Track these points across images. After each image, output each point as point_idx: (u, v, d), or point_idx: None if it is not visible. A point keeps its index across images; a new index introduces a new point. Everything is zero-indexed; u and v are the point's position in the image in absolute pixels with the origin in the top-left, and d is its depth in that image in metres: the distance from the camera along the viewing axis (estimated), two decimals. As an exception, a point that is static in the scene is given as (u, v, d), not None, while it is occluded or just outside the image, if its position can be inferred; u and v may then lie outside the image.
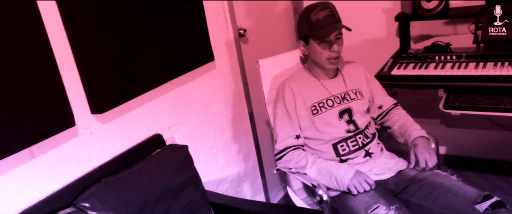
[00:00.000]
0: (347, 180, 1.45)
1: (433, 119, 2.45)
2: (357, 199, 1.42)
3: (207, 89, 1.80)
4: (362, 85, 1.69)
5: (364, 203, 1.39)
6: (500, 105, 1.70)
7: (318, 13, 1.50)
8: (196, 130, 1.75)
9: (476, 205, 1.31)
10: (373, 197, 1.40)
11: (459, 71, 1.82)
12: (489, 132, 2.35)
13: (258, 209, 1.48)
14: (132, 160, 1.39)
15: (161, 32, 1.48)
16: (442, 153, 2.60)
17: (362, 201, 1.40)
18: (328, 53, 1.53)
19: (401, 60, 2.05)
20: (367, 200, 1.39)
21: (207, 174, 1.81)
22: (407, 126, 1.64)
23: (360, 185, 1.43)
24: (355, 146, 1.58)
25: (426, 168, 1.50)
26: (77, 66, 1.22)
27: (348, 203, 1.44)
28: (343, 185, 1.45)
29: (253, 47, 2.19)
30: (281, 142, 1.57)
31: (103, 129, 1.34)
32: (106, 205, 1.19)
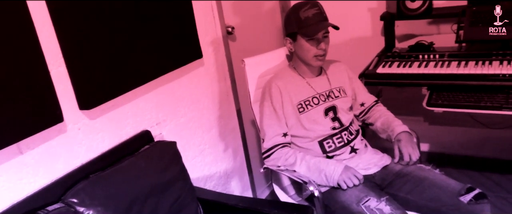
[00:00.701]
0: (336, 175, 1.47)
1: (417, 117, 2.51)
2: (348, 194, 1.45)
3: (195, 86, 1.81)
4: (345, 83, 1.73)
5: (355, 196, 1.43)
6: (481, 103, 1.76)
7: (307, 11, 1.53)
8: (184, 126, 1.76)
9: (460, 197, 1.37)
10: (363, 191, 1.44)
11: (442, 70, 1.87)
12: (470, 129, 2.41)
13: (246, 204, 1.49)
14: (121, 156, 1.39)
15: (150, 29, 1.48)
16: (425, 150, 2.67)
17: (352, 195, 1.44)
18: (315, 50, 1.55)
19: (386, 58, 2.09)
20: (358, 194, 1.43)
21: (195, 171, 1.82)
22: (389, 122, 1.68)
23: (349, 180, 1.46)
24: (340, 143, 1.61)
25: (410, 161, 1.54)
26: (66, 62, 1.22)
27: (338, 198, 1.47)
28: (333, 180, 1.48)
29: (241, 45, 2.21)
30: (269, 140, 1.58)
31: (92, 125, 1.33)
32: (95, 201, 1.19)
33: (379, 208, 1.35)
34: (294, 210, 1.39)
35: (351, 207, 1.41)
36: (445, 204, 1.38)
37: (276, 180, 1.79)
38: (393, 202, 1.38)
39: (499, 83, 1.74)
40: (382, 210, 1.34)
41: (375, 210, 1.35)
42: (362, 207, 1.38)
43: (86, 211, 1.16)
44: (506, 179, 2.29)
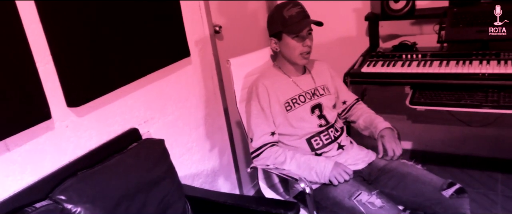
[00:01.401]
0: (327, 172, 1.50)
1: (400, 115, 2.57)
2: (339, 189, 1.48)
3: (183, 84, 1.82)
4: (328, 81, 1.76)
5: (346, 191, 1.46)
6: (461, 101, 1.81)
7: (290, 10, 1.56)
8: (172, 124, 1.76)
9: (443, 191, 1.42)
10: (354, 185, 1.47)
11: (424, 69, 1.92)
12: (451, 127, 2.48)
13: (234, 201, 1.50)
14: (108, 154, 1.39)
15: (138, 27, 1.49)
16: (409, 148, 2.73)
17: (344, 190, 1.47)
18: (301, 48, 1.58)
19: (370, 58, 2.14)
20: (349, 189, 1.46)
21: (183, 169, 1.83)
22: (372, 119, 1.73)
23: (340, 176, 1.49)
24: (328, 140, 1.64)
25: (394, 156, 1.59)
26: (53, 59, 1.22)
27: (330, 194, 1.50)
28: (324, 177, 1.51)
29: (228, 44, 2.22)
30: (258, 139, 1.58)
31: (79, 122, 1.34)
32: (83, 198, 1.19)
33: (371, 202, 1.39)
34: (280, 207, 1.41)
35: (343, 202, 1.44)
36: (428, 199, 1.43)
37: (262, 179, 1.80)
38: (383, 196, 1.43)
39: (478, 82, 1.79)
40: (373, 203, 1.38)
41: (367, 204, 1.38)
42: (354, 201, 1.41)
43: (74, 208, 1.16)
44: (485, 176, 2.37)
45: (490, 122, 2.25)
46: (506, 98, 1.74)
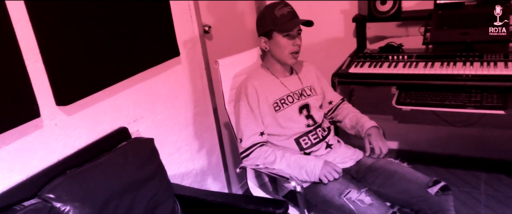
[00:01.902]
0: (317, 170, 1.52)
1: (387, 115, 2.61)
2: (329, 187, 1.51)
3: (173, 84, 1.82)
4: (314, 82, 1.79)
5: (336, 189, 1.48)
6: (446, 101, 1.86)
7: (281, 9, 1.58)
8: (162, 123, 1.77)
9: (428, 189, 1.46)
10: (344, 183, 1.50)
11: (410, 70, 1.96)
12: (436, 128, 2.53)
13: (223, 200, 1.51)
14: (97, 153, 1.39)
15: (128, 26, 1.49)
16: (395, 148, 2.78)
17: (334, 188, 1.49)
18: (291, 47, 1.60)
19: (358, 59, 2.18)
20: (339, 187, 1.49)
21: (172, 168, 1.84)
22: (358, 118, 1.76)
23: (330, 174, 1.52)
24: (316, 139, 1.67)
25: (380, 155, 1.62)
26: (42, 57, 1.22)
27: (320, 192, 1.52)
28: (314, 175, 1.53)
29: (217, 44, 2.23)
30: (247, 139, 1.59)
31: (69, 121, 1.33)
32: (72, 196, 1.19)
33: (360, 199, 1.41)
34: (269, 205, 1.42)
35: (333, 200, 1.47)
36: (415, 196, 1.47)
37: (251, 179, 1.81)
38: (371, 193, 1.46)
39: (462, 83, 1.84)
40: (363, 201, 1.41)
41: (356, 201, 1.41)
42: (344, 199, 1.44)
43: (63, 206, 1.16)
44: (469, 175, 2.42)
45: (473, 122, 2.31)
46: (488, 99, 1.80)
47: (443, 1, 2.08)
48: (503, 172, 2.40)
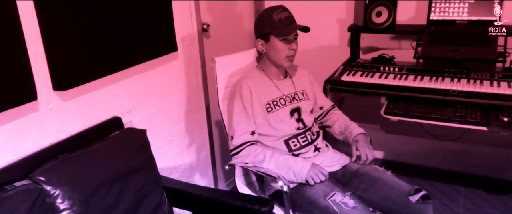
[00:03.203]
0: (304, 172, 1.56)
1: (375, 125, 2.67)
2: (315, 189, 1.55)
3: (168, 78, 1.85)
4: (307, 87, 1.83)
5: (321, 191, 1.53)
6: (432, 114, 1.92)
7: (280, 14, 1.62)
8: (154, 116, 1.79)
9: (410, 196, 1.51)
10: (329, 186, 1.55)
11: (400, 82, 2.02)
12: (421, 140, 2.60)
13: (210, 195, 1.52)
14: (90, 140, 1.41)
15: (129, 18, 1.51)
16: (380, 157, 2.83)
17: (319, 190, 1.53)
18: (287, 51, 1.64)
19: (350, 67, 2.23)
20: (324, 189, 1.53)
21: (161, 161, 1.85)
22: (347, 125, 1.81)
23: (316, 176, 1.56)
24: (305, 142, 1.71)
25: (366, 161, 1.67)
26: (44, 42, 1.23)
27: (305, 193, 1.56)
28: (301, 177, 1.57)
29: (214, 42, 2.26)
30: (238, 137, 1.62)
31: (64, 106, 1.35)
32: (62, 181, 1.20)
33: (344, 202, 1.46)
34: (255, 202, 1.44)
35: (318, 201, 1.51)
36: (396, 203, 1.52)
37: (239, 177, 1.84)
38: (355, 197, 1.50)
39: (449, 98, 1.90)
40: (347, 203, 1.45)
41: (340, 204, 1.46)
42: (329, 201, 1.48)
43: (52, 190, 1.17)
44: (450, 188, 2.49)
45: (457, 137, 2.38)
46: (472, 115, 1.86)
47: (436, 18, 2.15)
48: (482, 188, 2.47)
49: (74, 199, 1.20)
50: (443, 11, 2.12)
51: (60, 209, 1.18)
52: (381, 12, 2.21)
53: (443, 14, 2.13)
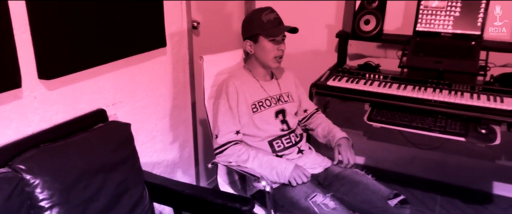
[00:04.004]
0: (288, 172, 1.58)
1: (358, 131, 2.70)
2: (297, 190, 1.57)
3: (156, 73, 1.84)
4: (292, 89, 1.85)
5: (303, 192, 1.55)
6: (413, 123, 1.96)
7: (268, 15, 1.64)
8: (139, 111, 1.78)
9: (389, 200, 1.55)
10: (311, 187, 1.57)
11: (384, 90, 2.06)
12: (402, 148, 2.65)
13: (192, 192, 1.53)
14: (73, 131, 1.40)
15: (119, 11, 1.51)
16: (361, 163, 2.88)
17: (301, 191, 1.56)
18: (275, 51, 1.66)
19: (337, 73, 2.26)
20: (306, 190, 1.56)
21: (144, 156, 1.85)
22: (330, 129, 1.84)
23: (299, 177, 1.58)
24: (289, 144, 1.73)
25: (348, 165, 1.71)
26: (31, 29, 1.22)
27: (287, 193, 1.58)
28: (284, 177, 1.58)
29: (204, 40, 2.27)
30: (223, 136, 1.63)
31: (48, 96, 1.34)
32: (43, 170, 1.19)
33: (325, 203, 1.49)
34: (236, 201, 1.45)
35: (299, 202, 1.53)
36: (375, 206, 1.56)
37: (221, 175, 1.85)
38: (335, 199, 1.53)
39: (430, 107, 1.95)
40: (327, 205, 1.48)
41: (321, 205, 1.48)
42: (310, 202, 1.51)
43: (32, 179, 1.16)
44: (427, 196, 2.54)
45: (436, 147, 2.43)
46: (452, 125, 1.91)
47: (422, 29, 2.20)
48: (458, 197, 2.53)
49: (54, 189, 1.19)
50: (429, 23, 2.18)
51: (39, 198, 1.17)
52: (369, 21, 2.26)
53: (429, 25, 2.18)
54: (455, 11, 2.11)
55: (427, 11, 2.16)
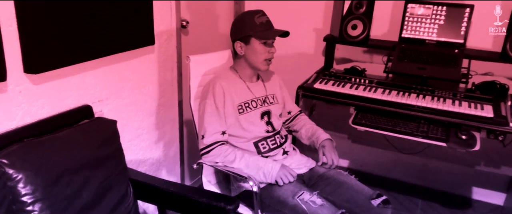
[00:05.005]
0: (274, 172, 1.60)
1: (342, 134, 2.74)
2: (283, 189, 1.59)
3: (143, 71, 1.84)
4: (277, 91, 1.87)
5: (290, 191, 1.57)
6: (396, 127, 2.00)
7: (261, 18, 1.66)
8: (126, 108, 1.78)
9: (372, 200, 1.59)
10: (297, 186, 1.60)
11: (369, 94, 2.09)
12: (385, 152, 2.69)
13: (176, 190, 1.52)
14: (58, 126, 1.39)
15: (108, 7, 1.50)
16: (345, 166, 2.91)
17: (288, 190, 1.58)
18: (266, 54, 1.68)
19: (323, 76, 2.29)
20: (293, 189, 1.58)
21: (129, 153, 1.84)
22: (314, 130, 1.88)
23: (285, 177, 1.60)
24: (274, 145, 1.74)
25: (332, 165, 1.74)
26: (18, 22, 1.21)
27: (274, 193, 1.60)
28: (271, 177, 1.60)
29: (192, 40, 2.27)
30: (209, 137, 1.63)
31: (34, 90, 1.32)
32: (26, 165, 1.18)
33: (313, 200, 1.51)
34: (221, 200, 1.45)
35: (287, 201, 1.55)
36: (359, 206, 1.59)
37: (206, 175, 1.85)
38: (322, 196, 1.56)
39: (413, 113, 1.99)
40: (315, 202, 1.51)
41: (309, 202, 1.51)
42: (297, 200, 1.53)
43: (15, 173, 1.15)
44: (408, 200, 2.59)
45: (418, 151, 2.48)
46: (433, 131, 1.95)
47: (407, 36, 2.24)
48: (438, 201, 2.59)
49: (37, 184, 1.18)
50: (415, 30, 2.23)
51: (22, 193, 1.16)
52: (357, 26, 2.29)
53: (414, 32, 2.23)
54: (439, 19, 2.16)
55: (413, 18, 2.21)
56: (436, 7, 2.16)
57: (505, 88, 2.11)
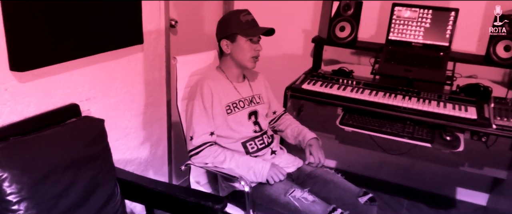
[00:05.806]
0: (265, 171, 1.61)
1: (330, 134, 2.77)
2: (274, 187, 1.61)
3: (132, 70, 1.83)
4: (262, 91, 1.88)
5: (282, 189, 1.59)
6: (383, 128, 2.03)
7: (246, 16, 1.67)
8: (114, 107, 1.77)
9: (359, 198, 1.62)
10: (288, 184, 1.62)
11: (356, 95, 2.12)
12: (372, 152, 2.72)
13: (164, 189, 1.52)
14: (45, 125, 1.38)
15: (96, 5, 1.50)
16: (332, 166, 2.94)
17: (279, 188, 1.60)
18: (253, 51, 1.68)
19: (311, 77, 2.31)
20: (284, 187, 1.60)
21: (117, 153, 1.83)
22: (299, 130, 1.90)
23: (276, 176, 1.62)
24: (262, 145, 1.75)
25: (319, 164, 1.77)
26: (3, 19, 1.20)
27: (266, 191, 1.61)
28: (262, 176, 1.61)
29: (181, 40, 2.27)
30: (198, 138, 1.62)
31: (20, 88, 1.31)
32: (11, 164, 1.17)
33: (304, 197, 1.54)
34: (209, 200, 1.46)
35: (279, 198, 1.57)
36: (346, 203, 1.61)
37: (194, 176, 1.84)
38: (313, 193, 1.58)
39: (399, 114, 2.02)
40: (306, 198, 1.53)
41: (301, 199, 1.53)
42: (289, 197, 1.55)
43: (0, 172, 1.14)
44: (393, 200, 2.63)
45: (404, 152, 2.52)
46: (419, 132, 1.99)
47: (394, 38, 2.28)
48: (423, 202, 2.63)
49: (23, 183, 1.17)
50: (401, 33, 2.26)
51: (7, 192, 1.15)
52: (345, 27, 2.32)
53: (401, 35, 2.27)
54: (425, 22, 2.21)
55: (400, 21, 2.25)
56: (422, 10, 2.20)
57: (488, 90, 2.16)
